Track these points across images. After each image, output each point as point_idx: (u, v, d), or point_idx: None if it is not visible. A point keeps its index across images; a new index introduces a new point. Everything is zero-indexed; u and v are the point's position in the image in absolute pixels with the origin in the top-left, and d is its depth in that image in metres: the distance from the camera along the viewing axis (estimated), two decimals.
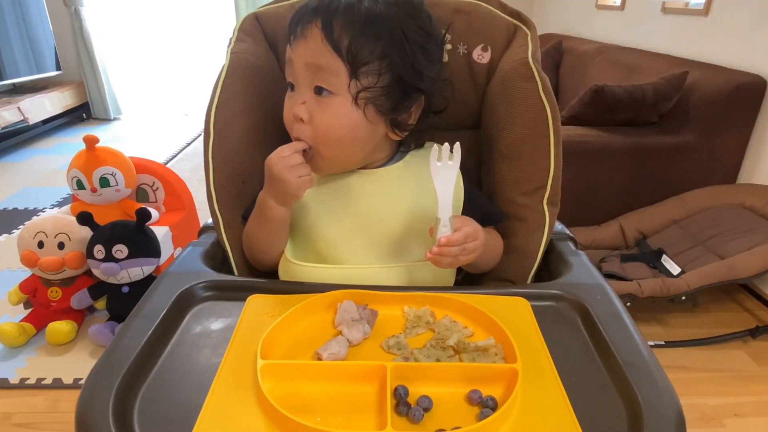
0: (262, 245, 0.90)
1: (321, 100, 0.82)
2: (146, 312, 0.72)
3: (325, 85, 0.81)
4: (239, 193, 0.97)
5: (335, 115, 0.82)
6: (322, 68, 0.80)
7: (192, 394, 0.60)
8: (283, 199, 0.83)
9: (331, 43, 0.79)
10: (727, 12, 2.53)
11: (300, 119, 0.83)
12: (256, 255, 0.93)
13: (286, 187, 0.81)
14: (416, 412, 0.56)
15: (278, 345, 0.67)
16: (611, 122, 2.38)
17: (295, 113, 0.83)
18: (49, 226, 1.88)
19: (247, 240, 0.93)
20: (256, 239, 0.90)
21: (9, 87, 4.44)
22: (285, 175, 0.80)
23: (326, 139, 0.83)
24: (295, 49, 0.82)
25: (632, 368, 0.62)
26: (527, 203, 0.96)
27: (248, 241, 0.93)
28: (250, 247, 0.93)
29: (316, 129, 0.83)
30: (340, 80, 0.80)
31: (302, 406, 0.58)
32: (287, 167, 0.80)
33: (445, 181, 0.76)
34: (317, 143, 0.83)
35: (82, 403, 0.58)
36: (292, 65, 0.84)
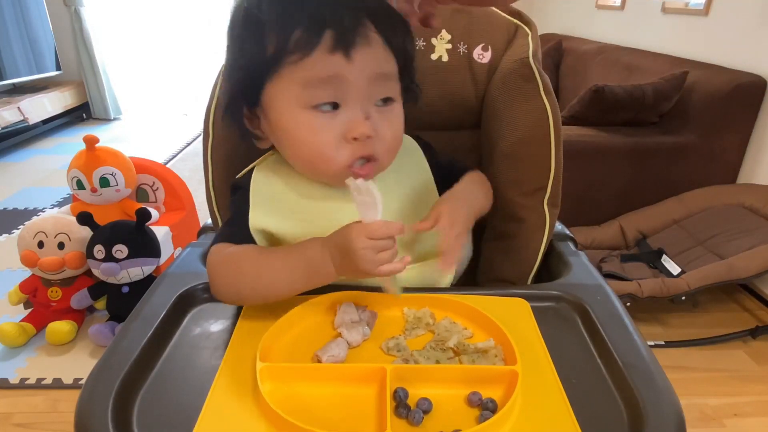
0: (280, 291, 0.71)
1: (384, 110, 0.74)
2: (145, 313, 0.72)
3: (392, 93, 0.74)
4: None
5: (399, 122, 0.76)
6: (388, 76, 0.73)
7: (191, 396, 0.60)
8: (353, 276, 0.68)
9: (391, 46, 0.72)
10: (727, 12, 2.53)
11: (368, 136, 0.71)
12: (259, 292, 0.72)
13: (366, 274, 0.65)
14: (416, 414, 0.56)
15: (278, 347, 0.66)
16: (611, 122, 2.38)
17: (362, 132, 0.70)
18: (49, 226, 1.88)
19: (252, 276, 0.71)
20: (274, 283, 0.70)
21: (9, 87, 4.44)
22: (370, 266, 0.65)
23: (394, 149, 0.77)
24: (357, 63, 0.68)
25: (632, 369, 0.62)
26: (528, 204, 0.96)
27: (253, 278, 0.71)
28: (251, 284, 0.71)
29: (386, 142, 0.74)
30: (396, 84, 0.76)
31: (301, 408, 0.58)
32: (377, 257, 0.64)
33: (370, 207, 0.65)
34: (384, 156, 0.75)
35: (82, 405, 0.58)
36: (343, 82, 0.69)
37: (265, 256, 0.72)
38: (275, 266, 0.70)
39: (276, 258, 0.71)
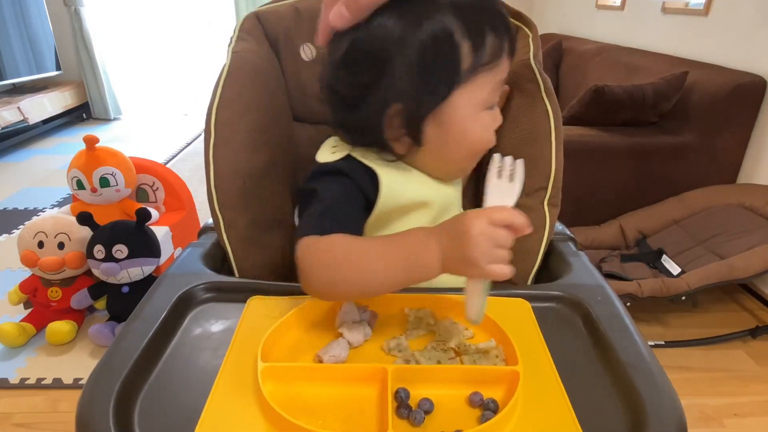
0: (378, 283, 0.66)
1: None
2: (146, 314, 0.72)
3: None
4: (240, 193, 0.96)
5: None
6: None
7: (192, 397, 0.60)
8: (458, 270, 0.63)
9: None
10: (727, 12, 2.53)
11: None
12: (356, 286, 0.67)
13: (474, 266, 0.60)
14: (417, 414, 0.56)
15: (279, 347, 0.66)
16: (611, 122, 2.38)
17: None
18: (49, 226, 1.88)
19: (345, 267, 0.66)
20: (371, 274, 0.65)
21: (9, 87, 4.44)
22: (482, 257, 0.59)
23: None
24: (504, 66, 0.73)
25: (633, 370, 0.62)
26: (528, 204, 0.96)
27: (348, 270, 0.66)
28: (346, 276, 0.66)
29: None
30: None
31: (303, 408, 0.58)
32: (492, 250, 0.60)
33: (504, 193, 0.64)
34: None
35: (83, 405, 0.58)
36: (497, 85, 0.74)
37: (361, 245, 0.68)
38: (372, 255, 0.65)
39: (373, 246, 0.67)
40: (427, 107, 0.70)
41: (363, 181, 0.75)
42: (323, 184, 0.76)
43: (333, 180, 0.76)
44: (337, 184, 0.75)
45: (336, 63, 0.70)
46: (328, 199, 0.74)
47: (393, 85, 0.68)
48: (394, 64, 0.67)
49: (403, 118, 0.71)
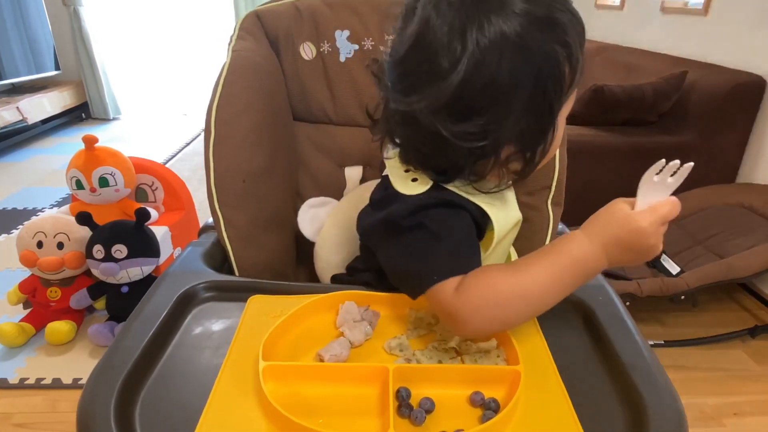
0: (552, 303, 0.65)
1: None
2: (147, 313, 0.72)
3: None
4: (240, 192, 0.96)
5: None
6: None
7: (193, 396, 0.60)
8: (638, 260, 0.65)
9: None
10: (727, 12, 2.53)
11: None
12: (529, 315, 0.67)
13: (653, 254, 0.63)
14: (418, 414, 0.56)
15: (280, 346, 0.66)
16: (610, 122, 2.38)
17: None
18: (49, 226, 1.88)
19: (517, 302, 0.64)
20: (543, 299, 0.64)
21: (8, 87, 4.43)
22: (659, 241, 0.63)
23: None
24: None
25: (634, 370, 0.62)
26: (532, 203, 0.96)
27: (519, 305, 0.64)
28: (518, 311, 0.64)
29: None
30: None
31: (304, 407, 0.58)
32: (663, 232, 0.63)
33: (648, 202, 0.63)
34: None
35: (84, 405, 0.58)
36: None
37: (524, 275, 0.64)
38: (540, 281, 0.63)
39: (538, 273, 0.64)
40: (541, 141, 0.66)
41: (472, 211, 0.72)
42: (434, 218, 0.69)
43: (445, 213, 0.70)
44: (453, 218, 0.71)
45: (435, 108, 0.62)
46: (451, 234, 0.69)
47: (507, 129, 0.63)
48: (509, 107, 0.61)
49: (516, 157, 0.67)
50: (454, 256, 0.68)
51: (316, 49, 1.09)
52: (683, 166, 0.61)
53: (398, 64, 0.65)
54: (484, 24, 0.58)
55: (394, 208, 0.72)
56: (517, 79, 0.60)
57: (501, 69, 0.59)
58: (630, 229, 0.61)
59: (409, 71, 0.64)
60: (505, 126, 0.62)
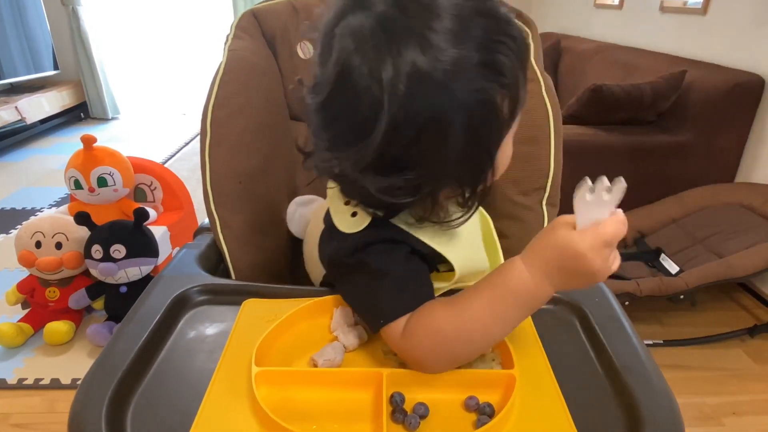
0: (500, 337, 0.63)
1: None
2: (140, 316, 0.72)
3: None
4: (236, 193, 0.96)
5: None
6: None
7: (186, 401, 0.59)
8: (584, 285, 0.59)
9: None
10: (725, 11, 2.53)
11: None
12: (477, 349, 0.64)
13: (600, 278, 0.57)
14: (412, 419, 0.56)
15: (273, 351, 0.66)
16: (609, 121, 2.37)
17: None
18: (47, 226, 1.88)
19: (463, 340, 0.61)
20: (490, 334, 0.62)
21: (7, 87, 4.42)
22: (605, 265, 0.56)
23: None
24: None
25: (630, 373, 0.62)
26: (526, 203, 0.96)
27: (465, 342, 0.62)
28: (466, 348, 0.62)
29: None
30: None
31: (297, 413, 0.58)
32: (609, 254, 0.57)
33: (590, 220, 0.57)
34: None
35: (76, 409, 0.58)
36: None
37: (468, 312, 0.61)
38: (484, 316, 0.61)
39: (481, 307, 0.61)
40: (480, 181, 0.62)
41: (414, 245, 0.69)
42: (375, 255, 0.67)
43: (386, 248, 0.67)
44: (395, 252, 0.68)
45: (360, 167, 0.57)
46: (393, 270, 0.66)
47: (440, 179, 0.59)
48: (440, 159, 0.56)
49: (455, 194, 0.63)
50: (398, 294, 0.65)
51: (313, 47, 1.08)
52: (616, 181, 0.55)
53: (320, 108, 0.59)
54: (400, 66, 0.52)
55: (336, 247, 0.69)
56: (446, 130, 0.54)
57: (427, 120, 0.53)
58: (569, 255, 0.56)
59: (331, 121, 0.59)
60: (437, 178, 0.58)
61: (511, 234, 0.97)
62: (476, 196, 0.63)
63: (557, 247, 0.57)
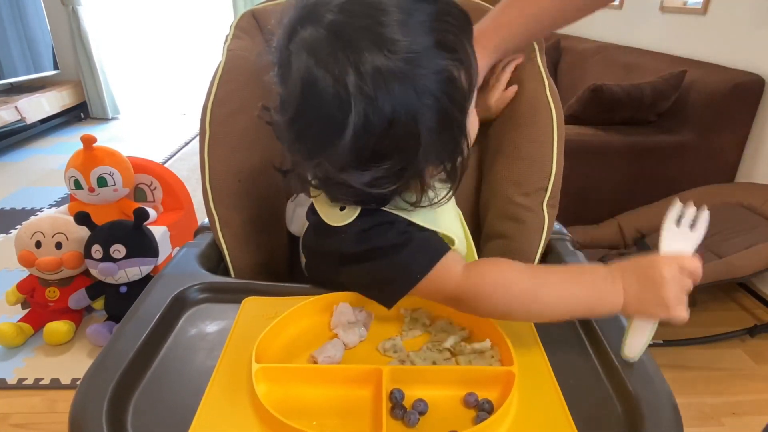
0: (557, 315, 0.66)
1: None
2: (141, 314, 0.72)
3: None
4: (236, 193, 0.96)
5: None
6: None
7: (187, 398, 0.59)
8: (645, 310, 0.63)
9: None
10: (726, 11, 2.53)
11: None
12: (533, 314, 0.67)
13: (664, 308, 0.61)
14: (412, 415, 0.56)
15: (274, 348, 0.66)
16: (609, 121, 2.37)
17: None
18: (47, 226, 1.88)
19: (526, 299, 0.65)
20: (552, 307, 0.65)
21: (6, 86, 4.43)
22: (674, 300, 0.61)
23: None
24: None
25: (629, 370, 0.62)
26: (527, 204, 0.96)
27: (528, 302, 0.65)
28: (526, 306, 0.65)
29: None
30: None
31: (297, 410, 0.58)
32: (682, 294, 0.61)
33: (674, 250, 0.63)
34: None
35: (76, 407, 0.58)
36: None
37: (542, 280, 0.65)
38: (554, 293, 0.64)
39: (555, 282, 0.65)
40: (458, 153, 0.65)
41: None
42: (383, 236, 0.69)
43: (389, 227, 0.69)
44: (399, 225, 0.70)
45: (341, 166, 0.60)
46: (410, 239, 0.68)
47: (421, 161, 0.61)
48: (416, 141, 0.59)
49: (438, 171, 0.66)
50: (427, 247, 0.68)
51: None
52: (700, 214, 0.63)
53: (291, 125, 0.62)
54: (362, 67, 0.55)
55: (336, 242, 0.70)
56: (415, 114, 0.57)
57: (395, 110, 0.56)
58: (651, 273, 0.61)
59: (303, 131, 0.61)
60: (417, 160, 0.60)
61: (510, 235, 0.96)
62: (457, 169, 0.66)
63: (642, 262, 0.63)
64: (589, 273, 0.66)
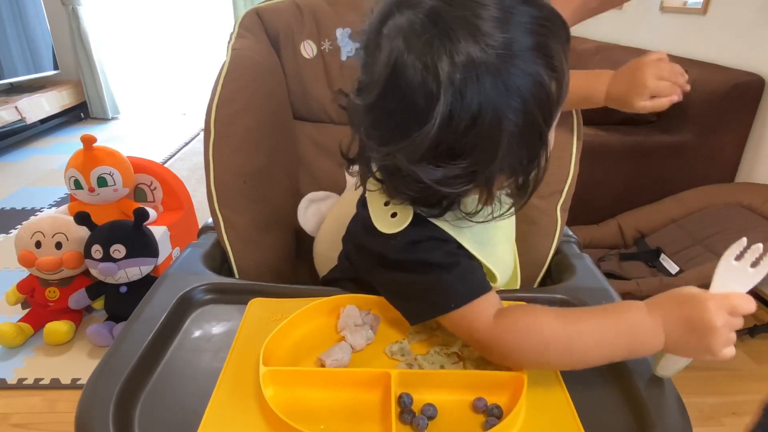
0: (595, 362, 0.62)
1: None
2: (146, 315, 0.72)
3: None
4: (240, 193, 0.96)
5: None
6: None
7: (193, 400, 0.59)
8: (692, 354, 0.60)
9: None
10: (726, 11, 2.53)
11: None
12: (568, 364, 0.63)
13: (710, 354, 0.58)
14: (420, 420, 0.56)
15: (280, 351, 0.66)
16: (609, 121, 2.37)
17: None
18: (47, 226, 1.87)
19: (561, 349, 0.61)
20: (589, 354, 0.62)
21: (6, 86, 4.41)
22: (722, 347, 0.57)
23: None
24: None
25: (638, 374, 0.62)
26: (542, 207, 0.96)
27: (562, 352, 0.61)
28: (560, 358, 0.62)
29: None
30: None
31: (305, 413, 0.57)
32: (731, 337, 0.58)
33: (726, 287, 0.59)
34: None
35: (82, 408, 0.58)
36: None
37: (577, 328, 0.61)
38: (590, 341, 0.61)
39: (590, 330, 0.61)
40: (534, 168, 0.61)
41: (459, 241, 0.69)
42: (432, 251, 0.67)
43: (440, 245, 0.67)
44: (450, 247, 0.68)
45: (415, 158, 0.57)
46: (457, 262, 0.67)
47: (495, 166, 0.58)
48: (496, 144, 0.56)
49: (509, 185, 0.62)
50: (468, 279, 0.66)
51: (317, 47, 1.08)
52: (765, 254, 0.57)
53: (370, 110, 0.60)
54: (456, 57, 0.53)
55: (382, 246, 0.69)
56: (501, 114, 0.54)
57: (482, 106, 0.54)
58: (696, 313, 0.57)
59: (382, 118, 0.59)
60: (493, 164, 0.57)
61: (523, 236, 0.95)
62: (529, 183, 0.62)
63: (685, 298, 0.58)
64: (626, 316, 0.61)
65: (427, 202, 0.65)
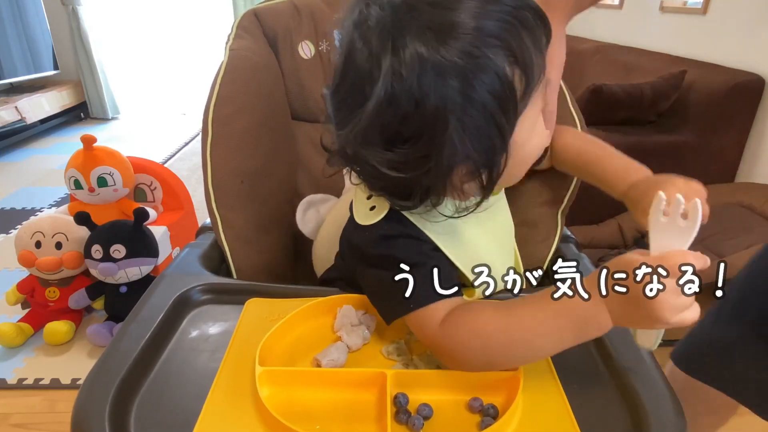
0: (543, 354, 0.63)
1: None
2: (143, 315, 0.72)
3: None
4: (238, 193, 0.96)
5: None
6: None
7: (189, 400, 0.59)
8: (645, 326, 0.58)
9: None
10: (726, 11, 2.53)
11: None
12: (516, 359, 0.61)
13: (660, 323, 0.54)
14: (416, 420, 0.56)
15: (277, 351, 0.66)
16: (609, 121, 2.37)
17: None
18: (47, 226, 1.88)
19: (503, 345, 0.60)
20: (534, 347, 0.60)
21: (6, 86, 4.42)
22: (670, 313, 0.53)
23: None
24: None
25: (635, 375, 0.62)
26: (543, 211, 0.96)
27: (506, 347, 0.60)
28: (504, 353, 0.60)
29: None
30: None
31: (301, 413, 0.58)
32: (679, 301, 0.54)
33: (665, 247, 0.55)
34: None
35: (79, 408, 0.58)
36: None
37: (515, 318, 0.60)
38: (530, 329, 0.59)
39: (528, 317, 0.59)
40: (495, 163, 0.59)
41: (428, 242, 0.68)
42: (402, 248, 0.66)
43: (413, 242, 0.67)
44: (423, 247, 0.67)
45: (362, 139, 0.58)
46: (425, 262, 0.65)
47: (456, 151, 0.56)
48: (443, 133, 0.55)
49: (470, 176, 0.60)
50: (430, 281, 0.63)
51: (314, 47, 1.08)
52: (690, 204, 0.52)
53: (333, 96, 0.61)
54: (400, 47, 0.53)
55: (360, 237, 0.70)
56: (446, 101, 0.53)
57: (424, 92, 0.53)
58: (629, 284, 0.53)
59: (341, 102, 0.60)
60: (443, 151, 0.55)
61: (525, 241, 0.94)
62: (493, 181, 0.60)
63: (617, 271, 0.54)
64: (563, 305, 0.57)
65: (399, 194, 0.64)
